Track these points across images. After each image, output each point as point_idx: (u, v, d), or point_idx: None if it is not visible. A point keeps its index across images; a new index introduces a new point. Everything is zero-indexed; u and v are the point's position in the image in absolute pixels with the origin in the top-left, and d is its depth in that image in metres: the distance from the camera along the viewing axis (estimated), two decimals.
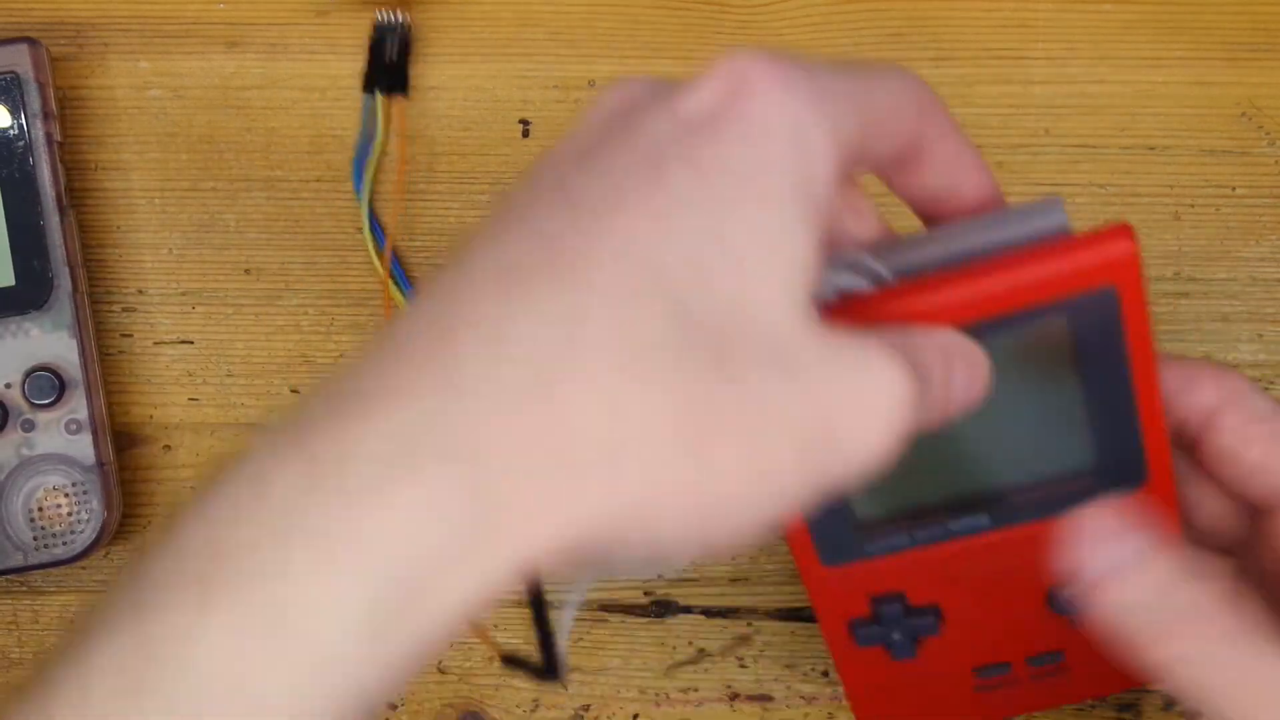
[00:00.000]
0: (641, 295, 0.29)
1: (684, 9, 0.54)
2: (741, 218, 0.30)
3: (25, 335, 0.51)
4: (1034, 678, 0.46)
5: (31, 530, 0.51)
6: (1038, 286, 0.35)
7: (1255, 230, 0.54)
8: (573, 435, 0.28)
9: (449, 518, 0.27)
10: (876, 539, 0.41)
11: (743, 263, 0.30)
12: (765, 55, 0.32)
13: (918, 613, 0.44)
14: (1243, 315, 0.53)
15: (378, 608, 0.27)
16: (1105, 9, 0.54)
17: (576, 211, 0.30)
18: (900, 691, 0.47)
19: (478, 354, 0.29)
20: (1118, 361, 0.37)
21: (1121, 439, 0.39)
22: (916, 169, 0.36)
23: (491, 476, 0.28)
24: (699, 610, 0.54)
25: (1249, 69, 0.53)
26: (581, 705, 0.54)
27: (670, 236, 0.30)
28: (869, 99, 0.33)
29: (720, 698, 0.54)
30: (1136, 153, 0.54)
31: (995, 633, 0.45)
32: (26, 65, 0.51)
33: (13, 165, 0.51)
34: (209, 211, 0.54)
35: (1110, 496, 0.37)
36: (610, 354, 0.29)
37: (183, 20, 0.54)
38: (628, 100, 0.33)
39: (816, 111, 0.31)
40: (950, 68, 0.54)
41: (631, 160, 0.31)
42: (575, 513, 0.28)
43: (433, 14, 0.54)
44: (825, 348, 0.31)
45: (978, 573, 0.42)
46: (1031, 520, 0.40)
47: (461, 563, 0.28)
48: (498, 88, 0.54)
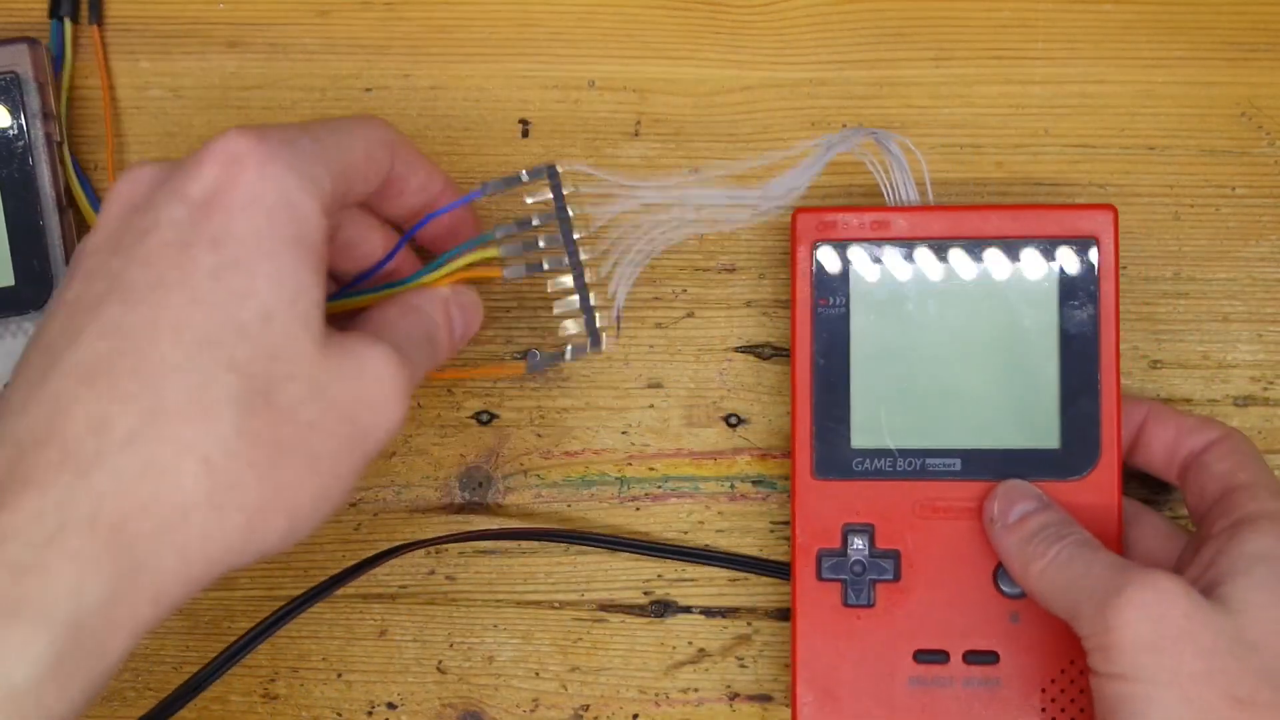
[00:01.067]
0: (202, 363, 0.38)
1: (684, 9, 0.54)
2: (259, 275, 0.39)
3: (25, 335, 0.51)
4: (966, 682, 0.49)
5: None
6: (1041, 224, 0.49)
7: (1255, 230, 0.53)
8: (181, 494, 0.38)
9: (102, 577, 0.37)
10: (864, 462, 0.49)
11: (271, 316, 0.39)
12: (251, 133, 0.40)
13: (881, 554, 0.49)
14: (1243, 315, 0.53)
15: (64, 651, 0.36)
16: (1105, 9, 0.54)
17: (129, 299, 0.39)
18: (843, 663, 0.49)
19: (89, 443, 0.37)
20: (1090, 330, 0.49)
21: (1083, 424, 0.49)
22: (399, 196, 0.47)
23: (126, 539, 0.37)
24: (699, 610, 0.54)
25: (1249, 69, 0.53)
26: (581, 705, 0.54)
27: (212, 309, 0.39)
28: (342, 154, 0.42)
29: (720, 698, 0.54)
30: (1136, 153, 0.54)
31: (943, 607, 0.49)
32: (26, 65, 0.51)
33: (13, 165, 0.51)
34: None
35: (1066, 473, 0.49)
36: (191, 419, 0.38)
37: (183, 20, 0.54)
38: (141, 189, 0.41)
39: (300, 176, 0.40)
40: (950, 68, 0.54)
41: (160, 244, 0.39)
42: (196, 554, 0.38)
43: (433, 14, 0.54)
44: (336, 364, 0.40)
45: (942, 525, 0.49)
46: (998, 479, 0.49)
47: (121, 606, 0.37)
48: (498, 88, 0.54)
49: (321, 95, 0.54)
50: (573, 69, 0.54)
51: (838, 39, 0.54)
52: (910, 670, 0.49)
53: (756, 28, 0.54)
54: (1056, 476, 0.49)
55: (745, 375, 0.54)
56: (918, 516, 0.49)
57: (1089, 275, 0.49)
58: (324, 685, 0.54)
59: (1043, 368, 0.49)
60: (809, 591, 0.50)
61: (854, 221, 0.50)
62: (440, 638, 0.54)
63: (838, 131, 0.53)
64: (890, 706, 0.49)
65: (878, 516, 0.49)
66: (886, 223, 0.50)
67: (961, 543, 0.49)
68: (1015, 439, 0.49)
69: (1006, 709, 0.49)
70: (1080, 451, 0.49)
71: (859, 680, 0.49)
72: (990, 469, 0.49)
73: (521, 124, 0.54)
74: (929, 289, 0.49)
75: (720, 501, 0.54)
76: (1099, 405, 0.49)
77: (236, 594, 0.54)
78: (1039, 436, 0.49)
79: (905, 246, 0.49)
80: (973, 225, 0.49)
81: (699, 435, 0.54)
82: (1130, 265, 0.53)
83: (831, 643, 0.49)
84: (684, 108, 0.54)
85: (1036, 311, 0.49)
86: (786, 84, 0.54)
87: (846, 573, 0.49)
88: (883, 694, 0.49)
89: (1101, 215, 0.49)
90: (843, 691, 0.49)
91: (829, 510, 0.50)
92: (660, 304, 0.54)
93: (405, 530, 0.54)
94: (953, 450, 0.49)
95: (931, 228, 0.49)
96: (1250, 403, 0.53)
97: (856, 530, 0.49)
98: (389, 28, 0.54)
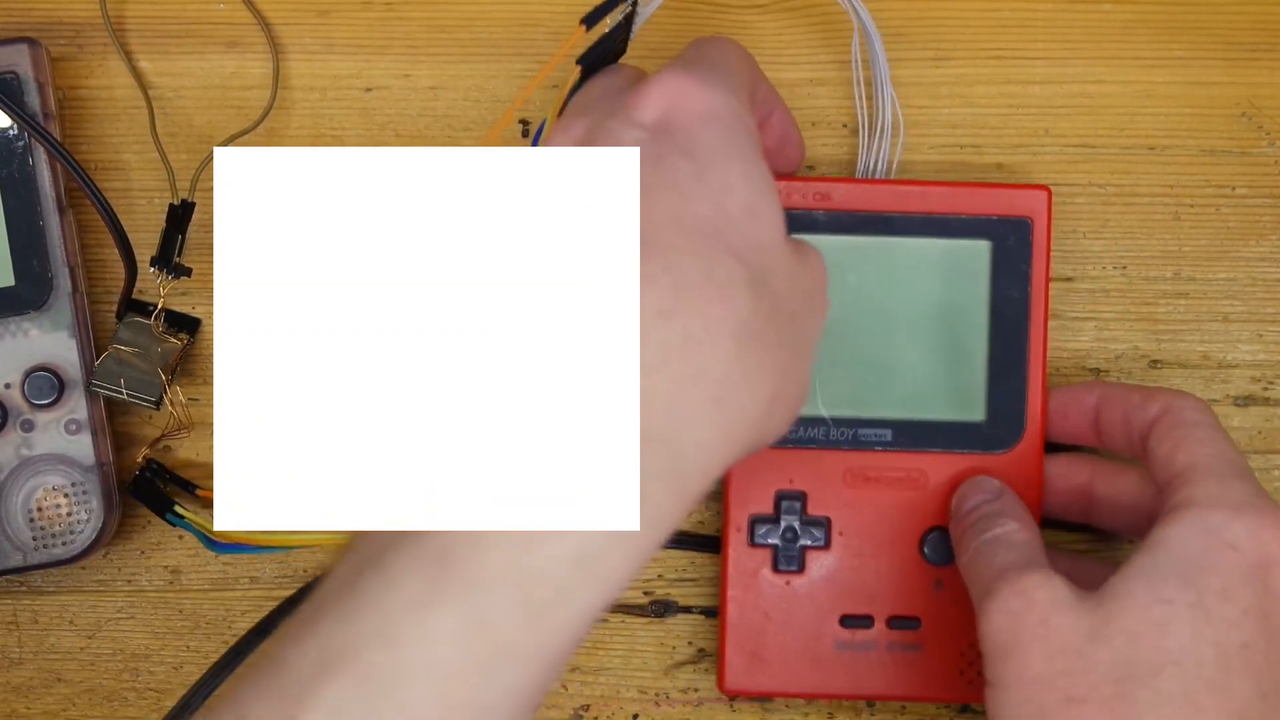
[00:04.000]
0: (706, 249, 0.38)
1: (684, 9, 0.54)
2: (734, 174, 0.40)
3: (25, 335, 0.51)
4: (890, 646, 0.50)
5: (31, 530, 0.51)
6: (976, 201, 0.50)
7: (1255, 230, 0.53)
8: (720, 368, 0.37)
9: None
10: (798, 429, 0.50)
11: (754, 210, 0.39)
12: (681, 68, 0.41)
13: (812, 521, 0.51)
14: (1243, 315, 0.53)
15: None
16: (1105, 9, 0.54)
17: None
18: (771, 627, 0.50)
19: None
20: (1021, 308, 0.50)
21: (1009, 400, 0.50)
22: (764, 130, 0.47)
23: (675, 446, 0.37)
24: (699, 610, 0.54)
25: (1249, 69, 0.53)
26: (581, 705, 0.54)
27: (702, 203, 0.39)
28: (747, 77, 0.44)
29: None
30: (1136, 153, 0.54)
31: (869, 574, 0.51)
32: (26, 65, 0.51)
33: (13, 165, 0.51)
34: (209, 211, 0.53)
35: (991, 446, 0.50)
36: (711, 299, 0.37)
37: (183, 20, 0.54)
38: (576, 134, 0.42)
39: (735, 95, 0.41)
40: (950, 68, 0.54)
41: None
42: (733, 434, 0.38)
43: (434, 14, 0.54)
44: (799, 257, 0.41)
45: (872, 493, 0.51)
46: (924, 450, 0.50)
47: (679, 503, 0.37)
48: (498, 88, 0.54)
49: (322, 95, 0.54)
50: (573, 69, 0.54)
51: (838, 39, 0.54)
52: (836, 634, 0.51)
53: (757, 28, 0.54)
54: (982, 449, 0.50)
55: None
56: (848, 485, 0.51)
57: (1022, 254, 0.50)
58: None
59: (973, 343, 0.50)
60: (741, 557, 0.51)
61: (797, 190, 0.50)
62: None
63: (836, 130, 0.53)
64: (816, 669, 0.50)
65: (810, 484, 0.51)
66: (828, 193, 0.50)
67: (890, 511, 0.51)
68: (943, 411, 0.50)
69: (927, 672, 0.50)
70: (1005, 426, 0.50)
71: (786, 643, 0.51)
72: (919, 440, 0.50)
73: (521, 124, 0.54)
74: (867, 260, 0.50)
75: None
76: (1025, 382, 0.50)
77: (236, 594, 0.54)
78: (966, 409, 0.50)
79: (846, 217, 0.50)
80: (913, 200, 0.50)
81: None
82: (1130, 265, 0.53)
83: (760, 607, 0.51)
84: None
85: (969, 287, 0.50)
86: (786, 84, 0.54)
87: (778, 539, 0.51)
88: (809, 657, 0.50)
89: (1036, 195, 0.50)
90: (770, 654, 0.50)
91: (762, 476, 0.51)
92: None
93: None
94: (884, 420, 0.50)
95: (872, 200, 0.50)
96: (1250, 403, 0.53)
97: (789, 497, 0.51)
98: (389, 28, 0.54)
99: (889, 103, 0.52)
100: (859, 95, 0.53)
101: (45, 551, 0.51)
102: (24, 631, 0.54)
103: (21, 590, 0.54)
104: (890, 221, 0.50)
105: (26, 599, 0.54)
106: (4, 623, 0.54)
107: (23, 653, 0.54)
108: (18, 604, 0.54)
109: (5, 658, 0.54)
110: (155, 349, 0.52)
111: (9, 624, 0.54)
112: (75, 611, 0.54)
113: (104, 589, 0.54)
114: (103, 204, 0.50)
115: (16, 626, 0.54)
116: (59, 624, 0.54)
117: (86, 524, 0.51)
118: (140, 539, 0.54)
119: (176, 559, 0.54)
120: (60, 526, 0.51)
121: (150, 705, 0.53)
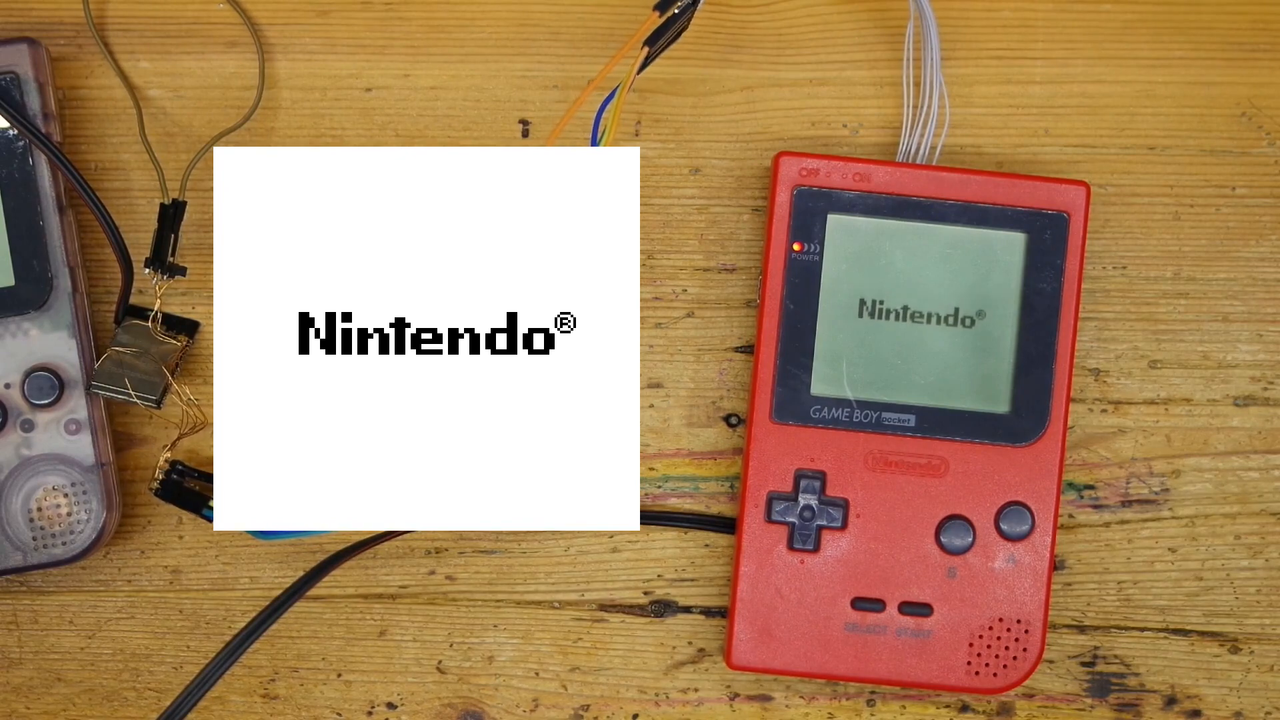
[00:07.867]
0: None
1: None
2: None
3: (25, 335, 0.51)
4: (899, 632, 0.51)
5: (31, 530, 0.51)
6: (1015, 193, 0.50)
7: (1255, 230, 0.54)
8: None
9: None
10: (822, 410, 0.51)
11: None
12: None
13: (830, 502, 0.51)
14: (1243, 315, 0.53)
15: None
16: (1105, 9, 0.54)
17: None
18: (782, 604, 0.51)
19: None
20: (1053, 303, 0.50)
21: (1034, 393, 0.50)
22: None
23: None
24: (699, 610, 0.54)
25: (1249, 69, 0.53)
26: (581, 705, 0.54)
27: None
28: None
29: (720, 698, 0.54)
30: (1136, 153, 0.54)
31: (884, 558, 0.51)
32: (26, 65, 0.51)
33: (13, 165, 0.51)
34: (204, 211, 0.54)
35: (1013, 439, 0.50)
36: None
37: (183, 20, 0.54)
38: None
39: None
40: (950, 68, 0.54)
41: None
42: None
43: (434, 14, 0.54)
44: None
45: (892, 478, 0.51)
46: (947, 438, 0.50)
47: None
48: (498, 88, 0.54)
49: (322, 95, 0.54)
50: (573, 69, 0.54)
51: (838, 39, 0.54)
52: (847, 616, 0.51)
53: (756, 28, 0.54)
54: (1004, 441, 0.51)
55: (745, 375, 0.54)
56: (869, 468, 0.51)
57: (1058, 248, 0.50)
58: (324, 685, 0.54)
59: (1002, 335, 0.51)
60: (756, 533, 0.51)
61: (837, 170, 0.50)
62: (440, 638, 0.54)
63: (837, 130, 0.53)
64: (825, 649, 0.51)
65: (830, 464, 0.51)
66: (868, 175, 0.51)
67: (909, 497, 0.51)
68: (968, 400, 0.51)
69: (935, 659, 0.51)
70: (1029, 419, 0.51)
71: (796, 621, 0.51)
72: (942, 427, 0.51)
73: (521, 124, 0.54)
74: (902, 246, 0.51)
75: (720, 501, 0.54)
76: (1052, 376, 0.50)
77: (236, 594, 0.54)
78: (991, 400, 0.51)
79: (885, 201, 0.50)
80: (952, 187, 0.50)
81: (699, 435, 0.54)
82: (1130, 265, 0.53)
83: (773, 583, 0.51)
84: (684, 108, 0.54)
85: (1002, 278, 0.51)
86: (786, 84, 0.54)
87: (795, 517, 0.51)
88: (818, 636, 0.51)
89: (1075, 190, 0.50)
90: (780, 631, 0.51)
91: (784, 454, 0.51)
92: (660, 304, 0.54)
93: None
94: (908, 406, 0.51)
95: (912, 185, 0.51)
96: (1250, 403, 0.53)
97: (808, 476, 0.51)
98: (389, 28, 0.54)
99: (937, 89, 0.52)
100: (907, 79, 0.53)
101: (45, 551, 0.51)
102: (24, 631, 0.54)
103: (21, 590, 0.54)
104: (928, 208, 0.50)
105: (26, 599, 0.54)
106: (4, 623, 0.54)
107: (23, 653, 0.54)
108: (18, 604, 0.54)
109: (5, 658, 0.54)
110: (154, 351, 0.52)
111: (9, 624, 0.54)
112: (75, 611, 0.54)
113: (104, 589, 0.54)
114: (100, 210, 0.50)
115: (16, 626, 0.54)
116: (59, 624, 0.54)
117: (86, 524, 0.51)
118: (140, 539, 0.54)
119: (176, 559, 0.54)
120: (60, 526, 0.51)
121: (150, 705, 0.53)
